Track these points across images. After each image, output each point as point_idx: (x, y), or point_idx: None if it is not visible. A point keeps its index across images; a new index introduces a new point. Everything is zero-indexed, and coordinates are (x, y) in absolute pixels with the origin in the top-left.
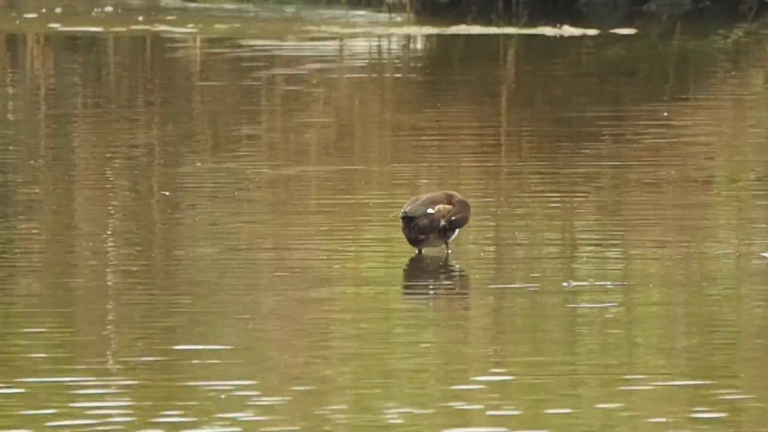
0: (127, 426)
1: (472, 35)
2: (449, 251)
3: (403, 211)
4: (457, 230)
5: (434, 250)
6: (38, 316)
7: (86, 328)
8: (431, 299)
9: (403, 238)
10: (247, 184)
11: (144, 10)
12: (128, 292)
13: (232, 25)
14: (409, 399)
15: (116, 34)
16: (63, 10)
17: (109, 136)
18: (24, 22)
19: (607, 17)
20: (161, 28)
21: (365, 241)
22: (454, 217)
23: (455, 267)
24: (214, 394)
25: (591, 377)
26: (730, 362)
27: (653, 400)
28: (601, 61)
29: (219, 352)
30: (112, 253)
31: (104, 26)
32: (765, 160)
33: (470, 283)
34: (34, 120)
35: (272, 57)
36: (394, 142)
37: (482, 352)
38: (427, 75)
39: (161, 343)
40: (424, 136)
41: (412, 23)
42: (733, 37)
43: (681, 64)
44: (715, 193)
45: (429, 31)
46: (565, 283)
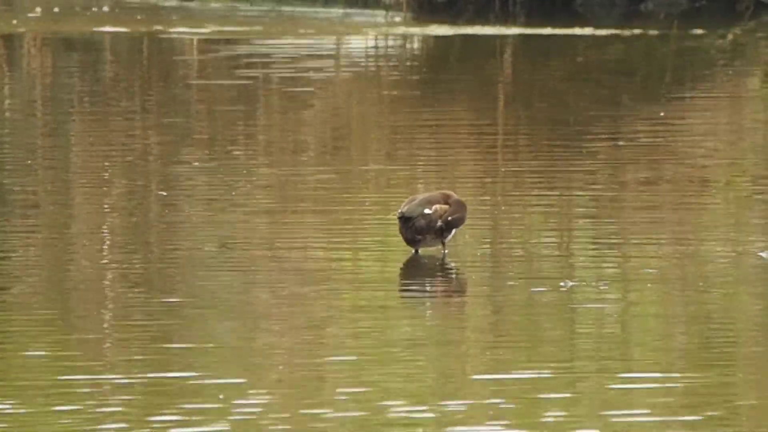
0: (123, 425)
1: (469, 35)
2: (446, 251)
3: (400, 211)
4: (454, 230)
5: (431, 250)
6: (34, 315)
7: (82, 326)
8: (428, 299)
9: (399, 238)
10: (244, 183)
11: (141, 10)
12: (124, 290)
13: (229, 25)
14: (406, 398)
15: (113, 34)
16: (60, 10)
17: (106, 136)
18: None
19: (604, 17)
20: (158, 28)
21: (362, 241)
22: (451, 217)
23: (452, 267)
24: (211, 393)
25: (588, 376)
26: (728, 361)
27: (650, 399)
28: (598, 61)
29: (215, 350)
30: (108, 251)
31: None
32: (762, 160)
33: (467, 282)
34: (31, 119)
35: (269, 56)
36: (390, 141)
37: (479, 351)
38: (424, 75)
39: (157, 342)
40: (420, 135)
41: (409, 23)
42: (729, 36)
43: (678, 64)
44: (712, 193)
45: (426, 30)
46: (562, 283)
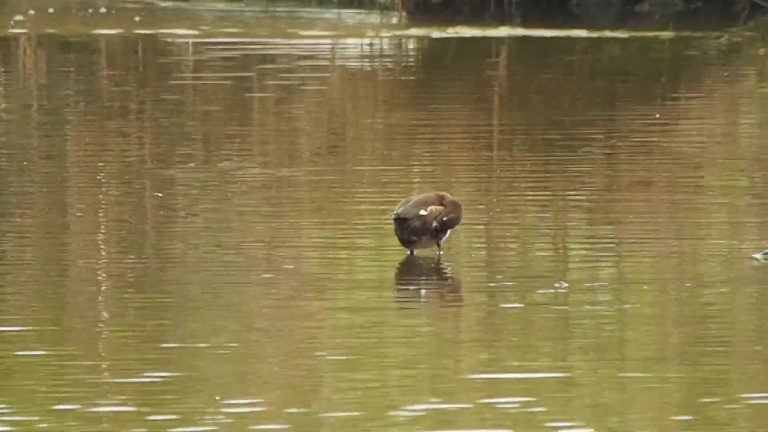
0: (119, 424)
1: (465, 36)
2: (441, 252)
3: (396, 212)
4: (449, 231)
5: (426, 251)
6: (29, 315)
7: (78, 326)
8: (423, 300)
9: (395, 239)
10: (240, 184)
11: (137, 11)
12: (120, 291)
13: (225, 26)
14: (402, 398)
15: (109, 35)
16: (55, 11)
17: (102, 137)
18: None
19: (600, 17)
20: (154, 29)
21: (357, 242)
22: (446, 218)
23: (447, 268)
24: (207, 393)
25: (584, 377)
26: (723, 361)
27: (646, 400)
28: (594, 62)
29: (210, 350)
30: (104, 252)
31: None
32: (757, 161)
33: (462, 283)
34: (27, 120)
35: (264, 57)
36: (386, 142)
37: (475, 352)
38: (420, 76)
39: (152, 342)
40: (416, 137)
41: (404, 24)
42: (725, 37)
43: (673, 65)
44: (707, 194)
45: (421, 31)
46: (557, 284)
